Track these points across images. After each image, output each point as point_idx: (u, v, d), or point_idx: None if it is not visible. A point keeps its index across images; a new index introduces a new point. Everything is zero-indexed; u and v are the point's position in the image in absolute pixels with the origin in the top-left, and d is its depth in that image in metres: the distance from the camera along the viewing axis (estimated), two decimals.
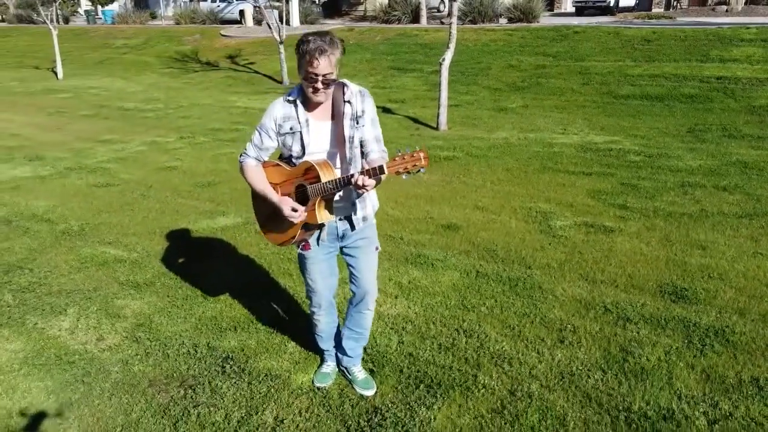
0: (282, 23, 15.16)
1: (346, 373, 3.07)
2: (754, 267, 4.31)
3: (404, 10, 20.60)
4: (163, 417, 2.81)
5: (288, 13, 18.23)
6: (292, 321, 3.64)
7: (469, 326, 3.57)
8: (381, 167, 2.30)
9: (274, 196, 2.63)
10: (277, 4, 20.13)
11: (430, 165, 7.06)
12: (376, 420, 2.75)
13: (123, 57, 20.54)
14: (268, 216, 2.75)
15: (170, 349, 3.37)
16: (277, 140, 2.62)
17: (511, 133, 8.99)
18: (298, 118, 2.55)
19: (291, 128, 2.56)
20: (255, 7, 24.65)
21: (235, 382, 3.05)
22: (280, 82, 14.83)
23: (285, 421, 2.76)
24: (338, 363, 3.13)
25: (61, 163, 7.67)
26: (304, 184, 2.55)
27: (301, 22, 22.25)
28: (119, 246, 4.91)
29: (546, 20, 18.95)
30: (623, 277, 4.20)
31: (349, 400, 2.90)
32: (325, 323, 2.99)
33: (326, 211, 2.58)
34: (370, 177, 2.32)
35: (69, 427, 2.76)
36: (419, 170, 2.26)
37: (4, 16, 39.25)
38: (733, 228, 5.06)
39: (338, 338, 3.10)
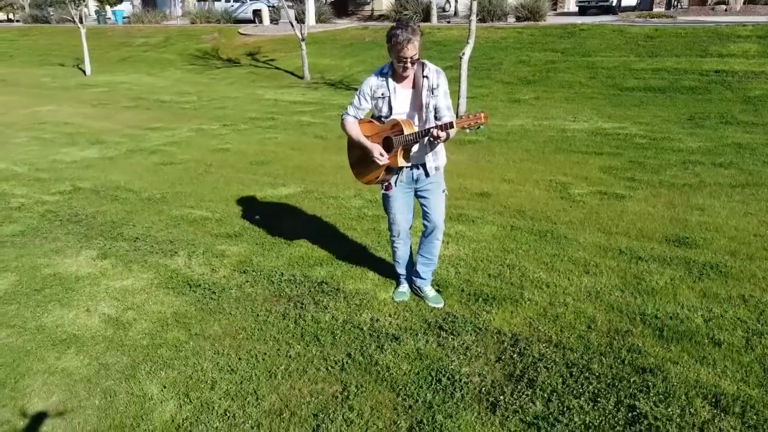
0: (304, 22, 15.95)
1: (419, 292, 3.90)
2: (744, 222, 5.13)
3: (415, 9, 21.43)
4: (284, 318, 3.64)
5: (304, 13, 19.02)
6: (366, 258, 4.46)
7: (511, 262, 4.39)
8: (451, 123, 3.17)
9: (366, 143, 3.47)
10: (290, 3, 20.97)
11: (458, 147, 7.92)
12: (449, 319, 3.58)
13: (145, 55, 21.37)
14: (359, 161, 3.62)
15: (273, 277, 4.19)
16: (371, 102, 3.47)
17: (526, 120, 9.80)
18: (387, 86, 3.40)
19: (382, 94, 3.41)
20: (269, 7, 25.52)
21: (333, 298, 3.87)
22: (301, 78, 15.62)
23: (380, 320, 3.59)
24: (411, 284, 3.96)
25: (122, 146, 8.50)
26: (390, 136, 3.39)
27: (316, 21, 23.07)
28: (201, 208, 5.74)
29: (551, 19, 19.77)
30: (634, 230, 5.02)
31: (426, 308, 3.73)
32: (402, 250, 3.83)
33: (405, 158, 3.43)
34: (442, 130, 3.17)
35: (212, 326, 3.59)
36: (479, 126, 3.10)
37: (10, 16, 40.12)
38: (727, 195, 5.87)
39: (410, 267, 3.93)
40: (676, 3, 29.18)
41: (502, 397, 2.86)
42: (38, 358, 3.25)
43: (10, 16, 40.62)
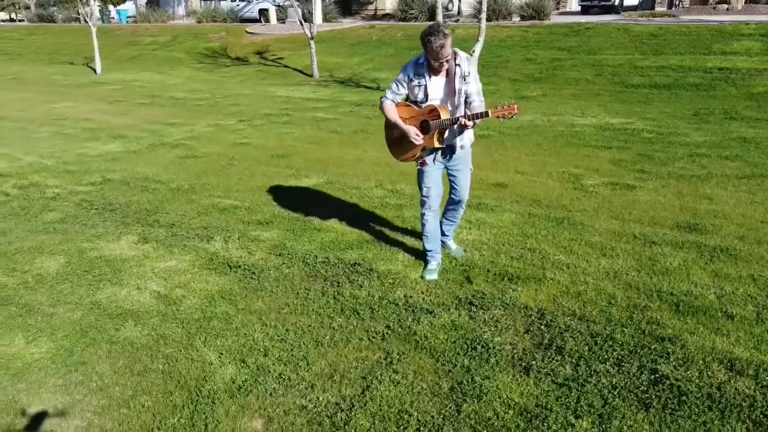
0: (311, 21, 16.19)
1: (444, 246, 4.39)
2: (751, 211, 5.37)
3: (421, 9, 21.68)
4: (323, 295, 3.88)
5: (311, 12, 19.25)
6: (394, 242, 4.70)
7: (531, 246, 4.64)
8: (486, 112, 3.53)
9: (403, 125, 3.86)
10: (297, 2, 21.20)
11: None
12: (478, 296, 3.82)
13: (154, 53, 21.62)
14: (396, 141, 4.03)
15: (308, 259, 4.44)
16: (407, 88, 3.83)
17: (535, 116, 10.05)
18: (423, 74, 3.76)
19: (418, 81, 3.78)
20: (276, 6, 25.76)
21: (366, 277, 4.12)
22: (311, 76, 15.86)
23: (413, 297, 3.83)
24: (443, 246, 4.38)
25: (145, 141, 8.74)
26: (427, 119, 3.77)
27: (322, 20, 23.32)
28: (230, 198, 5.98)
29: (554, 18, 20.01)
30: (646, 217, 5.26)
31: (456, 286, 3.97)
32: (431, 224, 4.14)
33: (440, 139, 3.81)
34: (470, 120, 3.56)
35: (256, 302, 3.83)
36: (512, 116, 3.51)
37: (12, 16, 40.33)
38: (734, 185, 6.11)
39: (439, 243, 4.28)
40: (677, 2, 29.43)
41: (533, 362, 3.10)
42: (99, 330, 3.50)
43: (13, 15, 40.86)
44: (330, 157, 7.52)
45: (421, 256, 4.36)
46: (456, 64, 3.71)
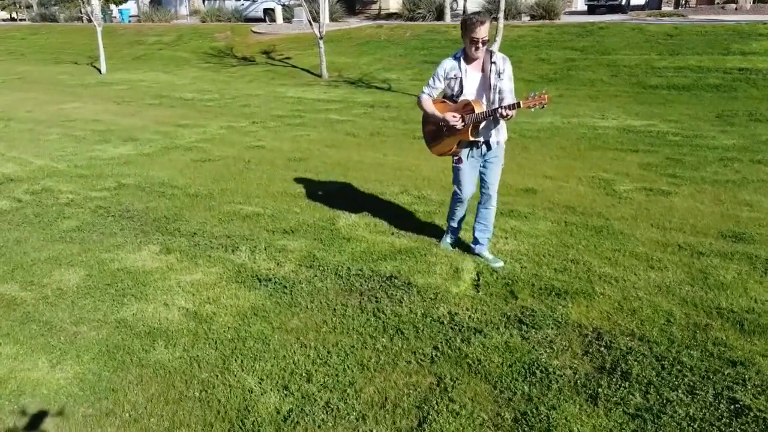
0: (319, 21, 15.94)
1: (480, 257, 4.34)
2: None
3: (428, 8, 21.45)
4: (362, 312, 3.66)
5: (318, 12, 19.01)
6: (428, 252, 4.47)
7: (574, 257, 4.41)
8: (518, 103, 3.63)
9: (439, 114, 3.92)
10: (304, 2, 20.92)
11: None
12: (527, 313, 3.60)
13: (159, 53, 21.38)
14: (433, 135, 4.16)
15: (341, 272, 4.21)
16: (444, 83, 3.89)
17: (554, 118, 9.81)
18: (460, 68, 3.83)
19: (455, 75, 3.91)
20: (282, 5, 25.52)
21: (405, 292, 3.89)
22: (319, 76, 15.62)
23: (459, 314, 3.61)
24: (473, 252, 4.38)
25: (157, 143, 8.51)
26: (462, 114, 3.82)
27: (329, 20, 23.08)
28: (251, 204, 5.75)
29: (563, 18, 19.76)
30: (687, 226, 5.04)
31: (503, 303, 3.75)
32: (460, 213, 4.41)
33: (474, 133, 3.86)
34: (510, 110, 3.61)
35: (291, 320, 3.61)
36: (543, 106, 3.59)
37: (13, 15, 40.08)
38: None
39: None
40: (684, 2, 29.20)
41: (599, 389, 2.88)
42: (128, 352, 3.27)
43: (14, 15, 40.60)
44: (349, 161, 7.29)
45: (460, 270, 4.17)
46: (492, 62, 3.81)
